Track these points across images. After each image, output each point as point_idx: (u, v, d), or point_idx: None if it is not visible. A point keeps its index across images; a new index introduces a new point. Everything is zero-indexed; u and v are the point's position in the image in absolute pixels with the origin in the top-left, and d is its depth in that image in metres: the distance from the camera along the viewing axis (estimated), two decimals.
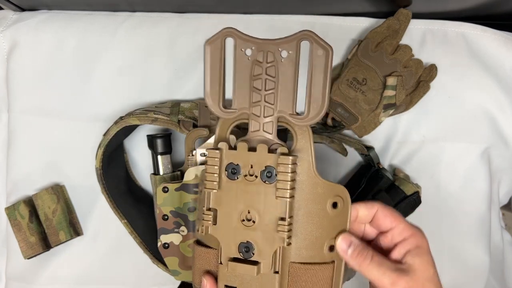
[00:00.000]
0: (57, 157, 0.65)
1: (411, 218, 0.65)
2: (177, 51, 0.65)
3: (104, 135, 0.58)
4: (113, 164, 0.62)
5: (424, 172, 0.66)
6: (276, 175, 0.39)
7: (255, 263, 0.40)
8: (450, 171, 0.66)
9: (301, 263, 0.40)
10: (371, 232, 0.45)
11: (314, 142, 0.42)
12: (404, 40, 0.65)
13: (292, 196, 0.39)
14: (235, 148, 0.40)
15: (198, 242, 0.44)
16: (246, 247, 0.40)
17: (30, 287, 0.66)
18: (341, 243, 0.40)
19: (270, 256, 0.40)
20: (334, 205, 0.41)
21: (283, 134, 0.58)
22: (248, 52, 0.40)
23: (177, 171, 0.61)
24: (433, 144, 0.66)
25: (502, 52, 0.65)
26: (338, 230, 0.41)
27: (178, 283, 0.62)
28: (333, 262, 0.41)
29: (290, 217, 0.39)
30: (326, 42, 0.38)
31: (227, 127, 0.42)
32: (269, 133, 0.41)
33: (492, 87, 0.65)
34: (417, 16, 0.64)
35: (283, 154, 0.39)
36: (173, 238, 0.58)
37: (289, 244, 0.39)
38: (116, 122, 0.59)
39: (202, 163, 0.57)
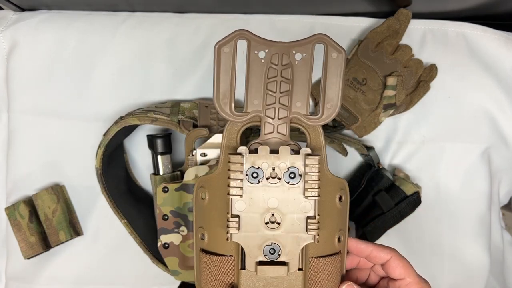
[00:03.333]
0: (57, 157, 0.65)
1: (411, 218, 0.65)
2: (177, 51, 0.65)
3: (104, 135, 0.58)
4: (113, 164, 0.62)
5: (424, 172, 0.66)
6: (300, 175, 0.40)
7: (283, 263, 0.41)
8: (450, 171, 0.66)
9: (319, 257, 0.42)
10: (374, 278, 0.47)
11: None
12: (404, 40, 0.65)
13: (319, 195, 0.40)
14: (255, 151, 0.40)
15: (204, 251, 0.43)
16: (272, 249, 0.41)
17: (30, 287, 0.66)
18: None
19: (297, 255, 0.41)
20: (340, 198, 0.42)
21: None
22: (262, 54, 0.39)
23: (177, 171, 0.61)
24: (433, 144, 0.66)
25: (502, 52, 0.65)
26: (344, 221, 0.43)
27: (178, 283, 0.62)
28: (339, 252, 0.43)
29: (318, 215, 0.40)
30: (339, 44, 0.39)
31: (237, 131, 0.41)
32: (283, 134, 0.41)
33: (492, 87, 0.65)
34: (417, 16, 0.64)
35: (309, 155, 0.40)
36: (173, 238, 0.58)
37: (318, 241, 0.40)
38: (116, 122, 0.59)
39: (202, 163, 0.57)
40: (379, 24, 0.63)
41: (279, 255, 0.41)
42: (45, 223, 0.62)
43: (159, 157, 0.60)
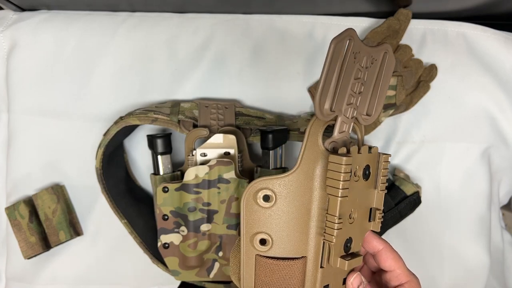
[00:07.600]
0: (57, 157, 0.65)
1: (411, 218, 0.65)
2: (177, 51, 0.65)
3: (104, 135, 0.59)
4: (113, 164, 0.62)
5: (424, 172, 0.66)
6: (370, 172, 0.42)
7: (356, 254, 0.43)
8: (450, 171, 0.66)
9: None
10: (367, 272, 0.49)
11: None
12: (404, 40, 0.65)
13: (386, 189, 0.45)
14: (335, 151, 0.41)
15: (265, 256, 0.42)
16: (348, 243, 0.42)
17: (30, 287, 0.66)
18: (353, 281, 0.45)
19: (360, 244, 0.44)
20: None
21: (282, 135, 0.59)
22: (353, 55, 0.39)
23: (177, 171, 0.61)
24: (433, 144, 0.66)
25: (502, 52, 0.65)
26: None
27: (178, 283, 0.62)
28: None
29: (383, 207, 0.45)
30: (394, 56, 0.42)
31: (320, 130, 0.41)
32: (346, 132, 0.42)
33: (492, 87, 0.65)
34: (417, 16, 0.64)
35: (383, 154, 0.43)
36: (173, 238, 0.58)
37: (380, 229, 0.44)
38: (116, 122, 0.59)
39: (202, 163, 0.57)
40: (379, 24, 0.63)
41: (350, 247, 0.42)
42: (45, 223, 0.62)
43: (159, 157, 0.60)
